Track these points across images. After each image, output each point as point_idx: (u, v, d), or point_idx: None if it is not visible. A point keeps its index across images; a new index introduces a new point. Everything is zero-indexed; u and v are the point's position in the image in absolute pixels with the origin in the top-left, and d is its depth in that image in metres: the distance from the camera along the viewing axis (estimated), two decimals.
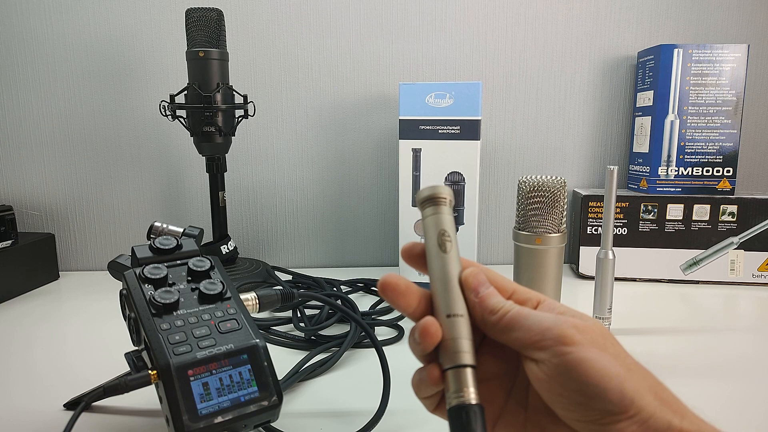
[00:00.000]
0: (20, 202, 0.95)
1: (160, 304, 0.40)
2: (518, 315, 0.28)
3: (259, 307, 0.48)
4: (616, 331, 0.66)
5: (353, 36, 0.93)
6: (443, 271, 0.30)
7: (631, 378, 0.25)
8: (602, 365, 0.25)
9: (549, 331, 0.26)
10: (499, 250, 1.00)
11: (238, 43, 0.92)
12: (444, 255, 0.31)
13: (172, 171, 0.95)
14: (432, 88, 0.77)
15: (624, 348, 0.27)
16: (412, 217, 0.81)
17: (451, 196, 0.32)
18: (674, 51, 0.83)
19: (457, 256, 0.31)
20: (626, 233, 0.86)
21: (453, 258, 0.31)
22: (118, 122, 0.93)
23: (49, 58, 0.91)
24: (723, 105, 0.84)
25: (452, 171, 0.78)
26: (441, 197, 0.32)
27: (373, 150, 0.96)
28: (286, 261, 0.99)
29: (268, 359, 0.40)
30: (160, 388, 0.38)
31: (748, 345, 0.63)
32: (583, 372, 0.25)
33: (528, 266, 0.56)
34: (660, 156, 0.86)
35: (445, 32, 0.93)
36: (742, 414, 0.48)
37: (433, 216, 0.32)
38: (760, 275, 0.84)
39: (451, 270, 0.30)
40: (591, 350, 0.25)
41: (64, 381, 0.55)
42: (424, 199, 0.32)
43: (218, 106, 0.78)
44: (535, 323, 0.27)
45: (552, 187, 0.54)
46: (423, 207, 0.32)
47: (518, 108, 0.96)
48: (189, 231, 0.68)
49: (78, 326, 0.70)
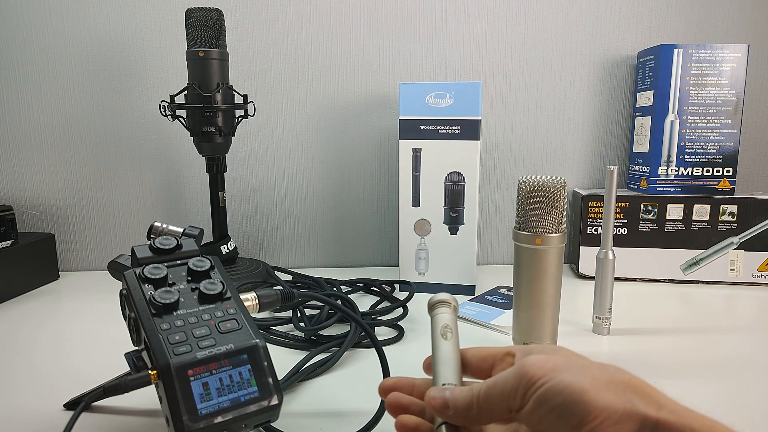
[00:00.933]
0: (20, 202, 0.95)
1: (160, 304, 0.40)
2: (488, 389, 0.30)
3: (259, 307, 0.48)
4: (616, 331, 0.66)
5: (353, 36, 0.93)
6: (443, 352, 0.36)
7: (594, 384, 0.26)
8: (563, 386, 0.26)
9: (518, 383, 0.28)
10: (499, 250, 1.00)
11: (238, 43, 0.92)
12: (444, 341, 0.37)
13: (172, 171, 0.95)
14: (432, 88, 0.77)
15: (587, 359, 0.29)
16: (412, 217, 0.81)
17: (455, 303, 0.41)
18: (674, 51, 0.83)
19: (456, 343, 0.37)
20: (626, 233, 0.86)
21: (452, 343, 0.37)
22: (118, 122, 0.93)
23: (49, 58, 0.91)
24: (723, 105, 0.84)
25: (452, 171, 0.78)
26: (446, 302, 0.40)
27: (373, 150, 0.96)
28: (286, 261, 0.99)
29: (268, 359, 0.40)
30: (160, 388, 0.38)
31: (748, 345, 0.63)
32: (547, 399, 0.27)
33: (528, 266, 0.56)
34: (660, 156, 0.86)
35: (445, 32, 0.93)
36: (742, 414, 0.48)
37: (440, 315, 0.39)
38: (760, 275, 0.84)
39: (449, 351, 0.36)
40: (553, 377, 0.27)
41: (64, 381, 0.55)
42: (436, 302, 0.40)
43: (218, 106, 0.78)
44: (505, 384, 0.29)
45: (552, 187, 0.54)
46: (433, 308, 0.40)
47: (518, 108, 0.96)
48: (189, 231, 0.68)
49: (78, 326, 0.70)
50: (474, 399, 0.30)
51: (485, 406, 0.30)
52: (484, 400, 0.30)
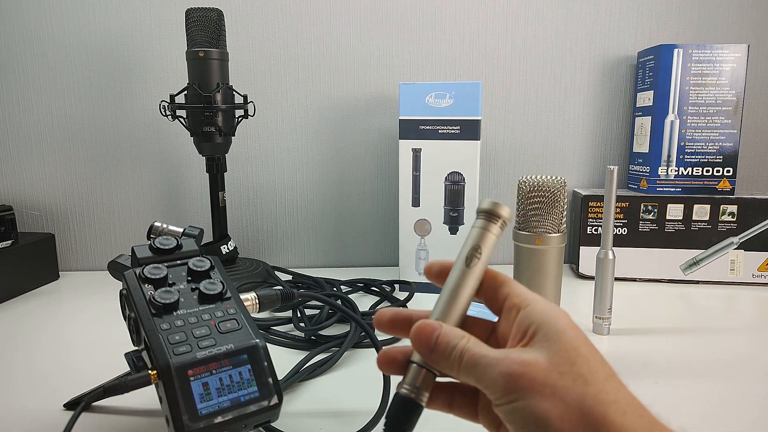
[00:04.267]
0: (20, 202, 0.95)
1: (160, 304, 0.40)
2: (468, 364, 0.29)
3: (259, 307, 0.48)
4: (616, 331, 0.66)
5: (353, 36, 0.93)
6: (456, 283, 0.32)
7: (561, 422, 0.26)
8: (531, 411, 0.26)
9: (493, 385, 0.28)
10: (499, 250, 1.00)
11: (238, 43, 0.92)
12: (466, 269, 0.32)
13: (172, 171, 0.95)
14: (432, 88, 0.77)
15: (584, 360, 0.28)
16: (412, 216, 0.81)
17: (508, 218, 0.33)
18: (674, 51, 0.83)
19: (479, 275, 0.32)
20: (626, 233, 0.86)
21: (472, 275, 0.32)
22: (118, 122, 0.93)
23: (49, 58, 0.91)
24: (723, 105, 0.84)
25: (452, 171, 0.78)
26: (496, 215, 0.32)
27: (373, 150, 0.96)
28: (286, 261, 0.99)
29: (268, 359, 0.40)
30: (160, 388, 0.38)
31: (747, 345, 0.63)
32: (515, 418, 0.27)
33: (528, 266, 0.56)
34: (660, 156, 0.86)
35: (445, 32, 0.93)
36: (741, 413, 0.48)
37: (478, 229, 0.33)
38: (760, 275, 0.84)
39: (463, 284, 0.32)
40: (527, 398, 0.27)
41: (64, 381, 0.55)
42: (482, 210, 0.33)
43: (218, 106, 0.78)
44: (482, 375, 0.28)
45: (552, 187, 0.54)
46: (477, 216, 0.33)
47: (518, 108, 0.96)
48: (189, 231, 0.68)
49: (78, 326, 0.70)
50: (455, 360, 0.29)
51: (462, 376, 0.29)
52: (464, 371, 0.29)
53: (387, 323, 0.34)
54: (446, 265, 0.34)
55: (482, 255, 0.32)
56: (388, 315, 0.34)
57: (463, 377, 0.29)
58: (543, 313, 0.29)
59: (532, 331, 0.29)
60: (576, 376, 0.27)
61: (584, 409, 0.26)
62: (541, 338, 0.28)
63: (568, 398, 0.26)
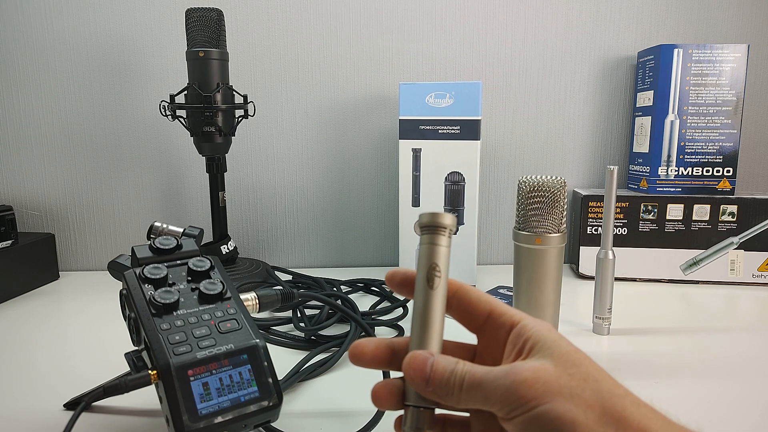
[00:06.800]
0: (20, 202, 0.95)
1: (160, 304, 0.40)
2: (471, 386, 0.28)
3: (259, 307, 0.48)
4: (616, 331, 0.66)
5: (353, 36, 0.93)
6: (424, 308, 0.30)
7: (587, 418, 0.26)
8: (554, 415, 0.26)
9: (505, 398, 0.27)
10: (499, 250, 1.00)
11: (238, 43, 0.92)
12: (429, 291, 0.30)
13: (172, 171, 0.95)
14: (432, 88, 0.77)
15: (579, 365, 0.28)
16: (412, 217, 0.81)
17: (453, 226, 0.31)
18: (674, 51, 0.83)
19: (444, 293, 0.30)
20: (626, 233, 0.86)
21: (438, 295, 0.30)
22: (118, 122, 0.93)
23: (49, 58, 0.91)
24: (723, 105, 0.84)
25: (452, 171, 0.78)
26: (441, 226, 0.30)
27: (373, 150, 0.96)
28: (286, 261, 0.99)
29: (268, 359, 0.40)
30: (160, 388, 0.38)
31: (747, 345, 0.62)
32: (536, 426, 0.26)
33: (528, 266, 0.56)
34: (660, 156, 0.86)
35: (445, 32, 0.93)
36: (741, 414, 0.48)
37: (427, 246, 0.30)
38: (760, 275, 0.84)
39: (433, 308, 0.30)
40: (544, 402, 0.26)
41: (64, 381, 0.55)
42: (423, 225, 0.31)
43: (218, 106, 0.78)
44: (490, 391, 0.28)
45: (552, 187, 0.54)
46: (422, 233, 0.31)
47: (518, 108, 0.96)
48: (189, 231, 0.68)
49: (78, 326, 0.70)
50: (455, 385, 0.28)
51: (465, 400, 0.28)
52: (466, 395, 0.28)
53: (368, 360, 0.32)
54: (409, 275, 0.33)
55: (441, 271, 0.30)
56: (371, 347, 0.32)
57: (465, 402, 0.28)
58: (536, 328, 0.30)
59: (530, 345, 0.29)
60: (585, 375, 0.27)
61: (605, 405, 0.26)
62: (541, 349, 0.29)
63: (586, 396, 0.26)
